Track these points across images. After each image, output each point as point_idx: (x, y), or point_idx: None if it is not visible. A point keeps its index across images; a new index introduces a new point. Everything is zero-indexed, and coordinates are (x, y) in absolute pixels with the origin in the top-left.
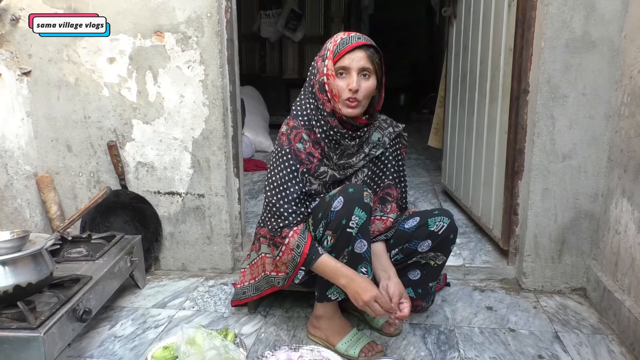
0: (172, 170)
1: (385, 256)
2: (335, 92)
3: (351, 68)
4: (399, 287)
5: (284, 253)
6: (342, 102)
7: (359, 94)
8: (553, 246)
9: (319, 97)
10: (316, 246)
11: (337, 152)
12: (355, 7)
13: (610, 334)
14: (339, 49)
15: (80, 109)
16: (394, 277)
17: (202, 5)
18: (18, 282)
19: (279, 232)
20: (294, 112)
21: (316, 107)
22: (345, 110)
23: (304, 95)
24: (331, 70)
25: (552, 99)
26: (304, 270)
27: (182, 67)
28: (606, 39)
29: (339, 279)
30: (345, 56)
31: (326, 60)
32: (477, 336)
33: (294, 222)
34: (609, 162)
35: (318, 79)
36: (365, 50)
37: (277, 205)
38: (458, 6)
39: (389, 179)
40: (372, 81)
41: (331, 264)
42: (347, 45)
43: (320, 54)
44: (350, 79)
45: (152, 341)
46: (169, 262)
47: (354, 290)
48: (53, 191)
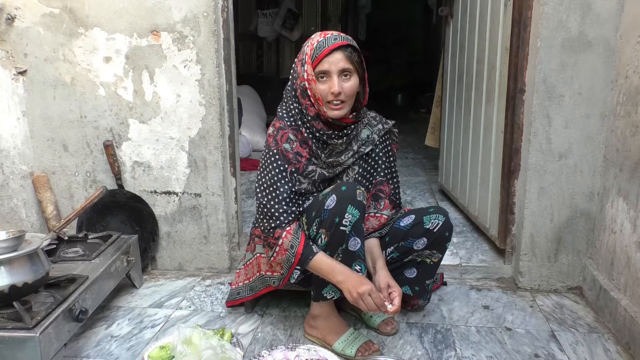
0: (169, 170)
1: (376, 249)
2: (318, 96)
3: (331, 71)
4: (386, 278)
5: (277, 253)
6: (327, 105)
7: (342, 96)
8: (549, 245)
9: (302, 102)
10: (310, 245)
11: (325, 151)
12: (352, 6)
13: (606, 332)
14: (316, 53)
15: (77, 109)
16: (381, 269)
17: (199, 4)
18: (14, 282)
19: (271, 232)
20: (280, 114)
21: (300, 111)
22: (331, 113)
23: (287, 97)
24: (311, 75)
25: (548, 99)
26: (299, 270)
27: (178, 67)
28: (602, 38)
29: (335, 276)
30: (324, 60)
31: (305, 65)
32: (474, 335)
33: (286, 222)
34: (604, 161)
35: (299, 84)
36: (343, 51)
37: (268, 206)
38: (454, 6)
39: (380, 175)
40: (353, 80)
41: (326, 261)
42: (324, 49)
43: (299, 57)
44: (331, 83)
45: (149, 341)
46: (165, 262)
47: (349, 286)
48: (49, 191)
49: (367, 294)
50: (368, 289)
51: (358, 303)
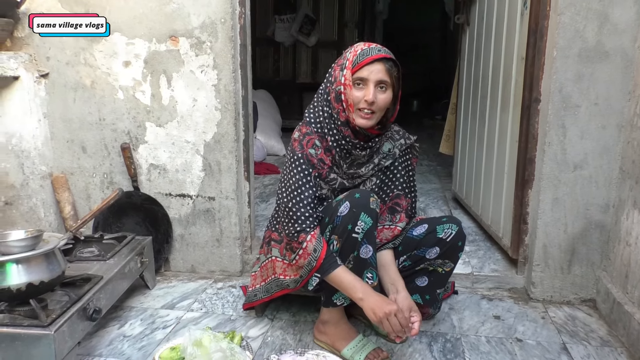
0: (184, 173)
1: (393, 267)
2: (351, 102)
3: (369, 80)
4: (408, 301)
5: (300, 257)
6: (357, 112)
7: (375, 106)
8: (563, 256)
9: (334, 106)
10: (334, 255)
11: (347, 160)
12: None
13: (619, 346)
14: (358, 60)
15: (96, 111)
16: (403, 291)
17: (217, 10)
18: (31, 280)
19: (295, 236)
20: (307, 119)
21: (330, 115)
22: (359, 121)
23: (317, 102)
24: (349, 80)
25: (563, 109)
26: (318, 278)
27: (195, 72)
28: (619, 49)
29: (356, 293)
30: (364, 67)
31: (345, 70)
32: (484, 345)
33: (311, 226)
34: (620, 173)
35: (334, 88)
36: (385, 63)
37: (294, 210)
38: (471, 14)
39: (398, 189)
40: (388, 94)
41: (348, 277)
42: (367, 57)
43: (339, 62)
44: (367, 90)
45: (160, 342)
46: (178, 264)
47: (372, 305)
48: (67, 191)
49: (393, 315)
50: (394, 310)
51: (382, 323)
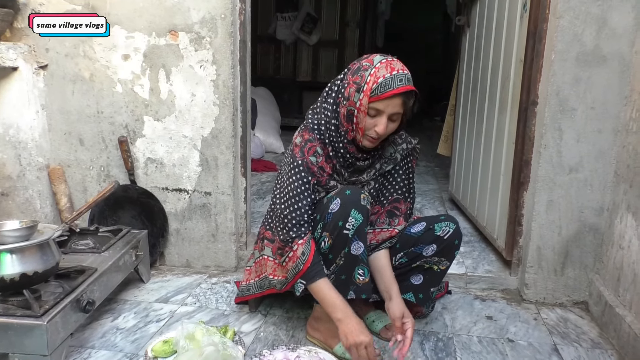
0: (181, 168)
1: (388, 271)
2: (362, 126)
3: (384, 112)
4: (401, 308)
5: (290, 259)
6: (365, 136)
7: (383, 135)
8: (556, 258)
9: (343, 124)
10: (321, 264)
11: (349, 170)
12: (371, 12)
13: (609, 349)
14: (378, 92)
15: (94, 104)
16: (396, 298)
17: (217, 6)
18: (25, 271)
19: (290, 242)
20: (310, 125)
21: (337, 129)
22: (366, 143)
23: (322, 108)
24: (364, 107)
25: (560, 112)
26: (303, 284)
27: (194, 67)
28: (617, 53)
29: (335, 312)
30: (383, 100)
31: (361, 94)
32: (475, 345)
33: (305, 232)
34: (615, 176)
35: (347, 106)
36: (404, 98)
37: (290, 217)
38: (472, 15)
39: (397, 193)
40: (397, 123)
41: (332, 294)
42: (388, 91)
43: (355, 79)
44: (380, 121)
45: (153, 335)
46: (173, 258)
47: (348, 329)
48: (64, 183)
49: (362, 347)
50: (365, 342)
51: (349, 350)
